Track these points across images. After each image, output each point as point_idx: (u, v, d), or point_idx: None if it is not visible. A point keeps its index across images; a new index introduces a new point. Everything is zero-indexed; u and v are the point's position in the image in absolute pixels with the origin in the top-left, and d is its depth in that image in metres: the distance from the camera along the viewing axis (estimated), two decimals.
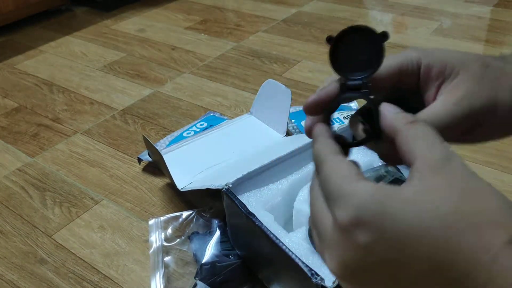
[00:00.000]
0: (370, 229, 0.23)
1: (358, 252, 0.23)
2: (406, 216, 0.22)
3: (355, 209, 0.23)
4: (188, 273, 0.65)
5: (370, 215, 0.23)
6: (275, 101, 0.84)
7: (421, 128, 0.26)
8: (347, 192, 0.24)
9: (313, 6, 1.56)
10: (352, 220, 0.23)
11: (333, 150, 0.28)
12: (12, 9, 1.47)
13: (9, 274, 0.68)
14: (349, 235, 0.23)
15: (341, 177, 0.25)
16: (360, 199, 0.23)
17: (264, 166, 0.62)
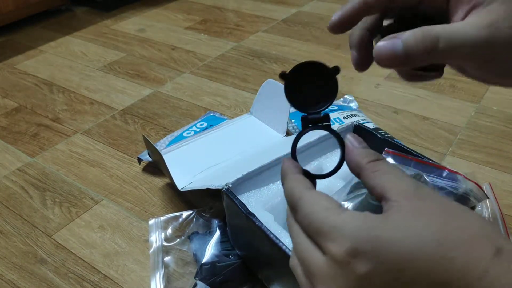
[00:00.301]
0: (368, 258, 0.23)
1: (358, 282, 0.23)
2: (400, 241, 0.22)
3: (350, 240, 0.23)
4: (188, 273, 0.65)
5: (365, 244, 0.23)
6: (275, 101, 0.84)
7: (385, 164, 0.26)
8: (336, 224, 0.24)
9: (313, 6, 1.56)
10: (349, 251, 0.23)
11: (306, 185, 0.28)
12: (12, 9, 1.47)
13: (9, 274, 0.68)
14: (347, 267, 0.23)
15: (325, 210, 0.25)
16: (352, 229, 0.23)
17: (264, 166, 0.62)
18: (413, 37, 0.26)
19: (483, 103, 0.99)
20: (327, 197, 0.26)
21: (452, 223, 0.23)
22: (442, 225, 0.23)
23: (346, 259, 0.23)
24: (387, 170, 0.26)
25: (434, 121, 0.94)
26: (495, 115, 0.96)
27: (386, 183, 0.25)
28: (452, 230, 0.22)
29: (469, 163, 0.83)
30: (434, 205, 0.23)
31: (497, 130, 0.92)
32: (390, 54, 0.27)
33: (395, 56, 0.27)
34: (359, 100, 1.00)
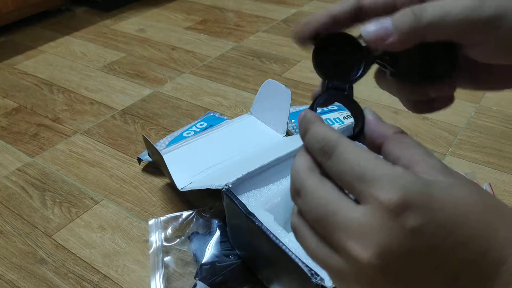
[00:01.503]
0: (420, 212, 0.21)
1: (404, 237, 0.21)
2: (452, 202, 0.21)
3: (404, 190, 0.21)
4: (188, 273, 0.65)
5: (420, 198, 0.21)
6: (275, 101, 0.84)
7: (411, 138, 0.25)
8: (390, 173, 0.22)
9: (313, 6, 1.56)
10: (401, 202, 0.21)
11: (340, 134, 0.25)
12: (12, 9, 1.47)
13: (9, 274, 0.68)
14: (395, 218, 0.21)
15: (375, 159, 0.23)
16: (406, 181, 0.21)
17: (264, 166, 0.62)
18: (401, 13, 0.26)
19: (483, 103, 0.99)
20: (368, 149, 0.24)
21: (490, 199, 0.22)
22: (484, 197, 0.22)
23: (396, 209, 0.21)
24: (414, 144, 0.25)
25: (434, 121, 0.94)
26: (495, 115, 0.96)
27: (415, 156, 0.24)
28: (493, 204, 0.22)
29: (469, 163, 0.83)
30: (468, 181, 0.23)
31: (497, 130, 0.92)
32: (382, 32, 0.26)
33: (387, 34, 0.26)
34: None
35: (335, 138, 0.24)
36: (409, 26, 0.26)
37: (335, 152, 0.24)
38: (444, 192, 0.22)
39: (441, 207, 0.21)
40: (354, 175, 0.23)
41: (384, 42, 0.26)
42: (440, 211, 0.21)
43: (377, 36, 0.26)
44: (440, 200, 0.21)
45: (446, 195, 0.22)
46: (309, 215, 0.24)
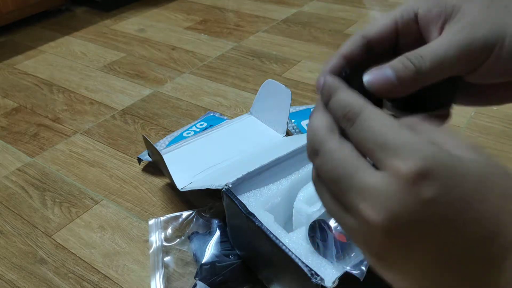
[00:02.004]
0: (438, 183, 0.21)
1: (417, 206, 0.21)
2: (476, 177, 0.21)
3: (425, 159, 0.21)
4: (188, 273, 0.65)
5: (442, 168, 0.21)
6: (275, 101, 0.84)
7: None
8: (412, 141, 0.22)
9: (313, 6, 1.56)
10: (419, 171, 0.21)
11: (365, 100, 0.25)
12: (12, 9, 1.47)
13: (9, 274, 0.68)
14: (411, 187, 0.21)
15: (398, 127, 0.23)
16: (431, 150, 0.21)
17: (264, 166, 0.62)
18: (399, 61, 0.27)
19: None
20: (392, 117, 0.24)
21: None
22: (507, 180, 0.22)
23: (414, 178, 0.21)
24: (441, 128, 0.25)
25: None
26: (495, 115, 0.96)
27: (443, 134, 0.24)
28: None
29: None
30: (495, 162, 0.23)
31: (497, 130, 0.91)
32: (384, 82, 0.26)
33: (390, 83, 0.26)
34: None
35: (359, 104, 0.24)
36: (410, 77, 0.26)
37: (358, 118, 0.24)
38: (469, 167, 0.21)
39: (462, 181, 0.21)
40: (375, 142, 0.23)
41: (386, 92, 0.27)
42: (460, 185, 0.21)
43: (379, 86, 0.26)
44: (463, 174, 0.21)
45: (471, 171, 0.21)
46: (326, 175, 0.25)
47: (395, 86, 0.26)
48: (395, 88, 0.26)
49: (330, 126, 0.26)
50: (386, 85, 0.26)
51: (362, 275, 0.46)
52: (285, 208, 0.60)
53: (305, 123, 0.89)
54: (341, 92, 0.26)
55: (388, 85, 0.26)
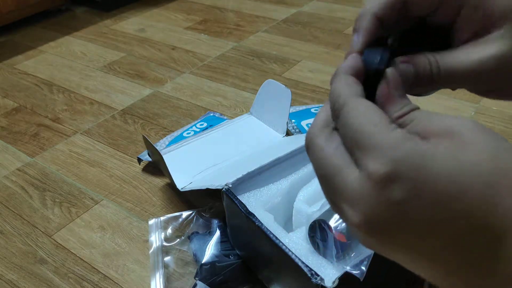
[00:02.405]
0: (408, 185, 0.21)
1: (390, 208, 0.21)
2: (448, 172, 0.20)
3: (393, 163, 0.21)
4: (188, 273, 0.65)
5: (409, 169, 0.21)
6: (275, 101, 0.84)
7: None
8: (382, 143, 0.22)
9: (313, 6, 1.56)
10: (389, 174, 0.21)
11: (355, 91, 0.24)
12: (12, 9, 1.47)
13: (9, 274, 0.68)
14: (381, 189, 0.21)
15: (373, 125, 0.22)
16: (398, 151, 0.21)
17: (264, 166, 0.62)
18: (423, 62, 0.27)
19: (483, 103, 0.99)
20: (376, 110, 0.23)
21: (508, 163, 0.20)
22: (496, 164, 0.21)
23: (383, 181, 0.21)
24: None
25: None
26: (495, 115, 0.96)
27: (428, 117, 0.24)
28: (504, 173, 0.20)
29: None
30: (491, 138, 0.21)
31: (497, 130, 0.91)
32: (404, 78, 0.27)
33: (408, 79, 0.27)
34: None
35: (345, 95, 0.24)
36: (428, 77, 0.27)
37: (341, 112, 0.24)
38: (443, 163, 0.21)
39: (434, 180, 0.20)
40: (353, 140, 0.23)
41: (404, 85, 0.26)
42: (431, 184, 0.20)
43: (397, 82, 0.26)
44: (435, 173, 0.20)
45: (445, 167, 0.21)
46: (315, 172, 0.25)
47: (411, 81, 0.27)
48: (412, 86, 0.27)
49: (325, 120, 0.25)
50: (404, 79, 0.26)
51: (362, 275, 0.46)
52: (285, 208, 0.60)
53: (305, 123, 0.89)
54: (338, 79, 0.26)
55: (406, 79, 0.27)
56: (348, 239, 0.48)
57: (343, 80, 0.25)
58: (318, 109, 0.94)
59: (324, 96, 1.04)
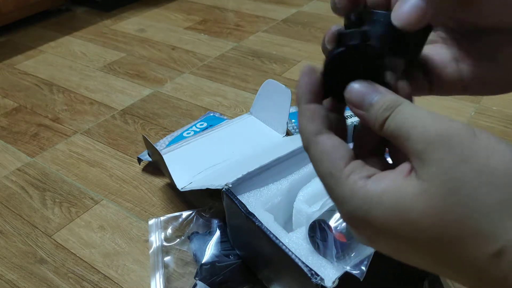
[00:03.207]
0: (366, 229, 0.24)
1: (361, 236, 0.25)
2: (391, 227, 0.22)
3: (346, 215, 0.24)
4: (188, 273, 0.65)
5: (361, 220, 0.23)
6: (275, 101, 0.84)
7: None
8: (336, 197, 0.24)
9: (313, 6, 1.56)
10: (348, 222, 0.25)
11: (313, 130, 0.25)
12: (12, 9, 1.47)
13: (9, 274, 0.68)
14: (351, 228, 0.25)
15: (330, 176, 0.24)
16: (347, 208, 0.24)
17: (264, 166, 0.62)
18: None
19: (483, 103, 0.99)
20: (333, 152, 0.24)
21: (456, 211, 0.21)
22: (441, 215, 0.21)
23: (349, 224, 0.25)
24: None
25: None
26: (495, 115, 0.96)
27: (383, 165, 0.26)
28: (450, 222, 0.21)
29: None
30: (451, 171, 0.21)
31: (497, 130, 0.91)
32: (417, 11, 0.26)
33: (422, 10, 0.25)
34: None
35: (306, 136, 0.26)
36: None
37: (308, 152, 0.26)
38: (383, 219, 0.22)
39: (384, 232, 0.23)
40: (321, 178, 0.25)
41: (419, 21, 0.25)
42: (383, 234, 0.23)
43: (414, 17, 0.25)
44: (381, 226, 0.23)
45: (386, 222, 0.22)
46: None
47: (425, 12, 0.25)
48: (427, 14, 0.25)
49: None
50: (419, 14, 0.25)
51: (362, 275, 0.46)
52: (285, 208, 0.60)
53: None
54: (299, 113, 0.26)
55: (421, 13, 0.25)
56: (348, 239, 0.48)
57: (304, 115, 0.26)
58: None
59: None
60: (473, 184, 0.20)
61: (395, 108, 0.23)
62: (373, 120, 0.24)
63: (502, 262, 0.20)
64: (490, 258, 0.20)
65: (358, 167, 0.24)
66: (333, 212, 0.49)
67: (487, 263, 0.20)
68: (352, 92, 0.25)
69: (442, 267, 0.23)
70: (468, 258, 0.21)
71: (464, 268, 0.21)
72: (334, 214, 0.49)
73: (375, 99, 0.24)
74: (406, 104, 0.24)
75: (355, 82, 0.25)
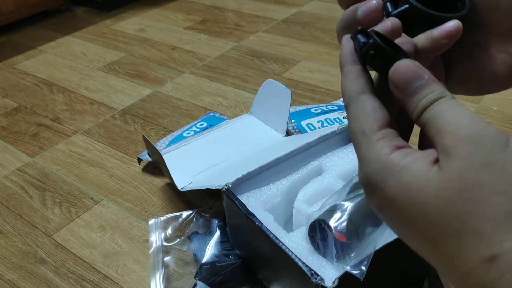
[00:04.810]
0: (376, 195, 0.24)
1: (373, 204, 0.25)
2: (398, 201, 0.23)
3: (364, 176, 0.24)
4: (188, 273, 0.65)
5: (375, 185, 0.24)
6: (275, 101, 0.84)
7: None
8: (363, 155, 0.24)
9: (313, 6, 1.56)
10: (363, 182, 0.25)
11: (355, 89, 0.26)
12: (12, 9, 1.47)
13: (9, 274, 0.68)
14: (365, 192, 0.25)
15: (362, 135, 0.25)
16: (367, 169, 0.24)
17: (264, 166, 0.62)
18: None
19: (483, 103, 0.99)
20: (370, 113, 0.25)
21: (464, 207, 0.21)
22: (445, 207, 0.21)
23: (365, 188, 0.25)
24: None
25: None
26: (495, 115, 0.96)
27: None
28: (456, 216, 0.21)
29: None
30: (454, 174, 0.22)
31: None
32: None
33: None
34: None
35: (347, 94, 0.26)
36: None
37: (347, 111, 0.26)
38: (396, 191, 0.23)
39: (387, 201, 0.23)
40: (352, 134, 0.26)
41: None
42: (389, 203, 0.23)
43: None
44: (389, 194, 0.23)
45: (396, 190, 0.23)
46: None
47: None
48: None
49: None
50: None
51: (362, 275, 0.46)
52: (285, 208, 0.60)
53: (305, 123, 0.89)
54: (342, 74, 0.27)
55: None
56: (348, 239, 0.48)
57: (348, 75, 0.26)
58: (318, 109, 0.94)
59: (324, 96, 1.04)
60: (489, 189, 0.21)
61: (436, 100, 0.23)
62: (413, 107, 0.24)
63: (493, 268, 0.20)
64: (483, 262, 0.20)
65: (390, 134, 0.24)
66: (333, 212, 0.49)
67: (478, 266, 0.20)
68: (398, 71, 0.24)
69: (435, 259, 0.23)
70: (461, 256, 0.21)
71: (455, 265, 0.21)
72: (334, 214, 0.49)
73: (419, 85, 0.24)
74: (449, 98, 0.23)
75: (403, 60, 0.24)
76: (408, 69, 0.24)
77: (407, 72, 0.24)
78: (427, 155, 0.23)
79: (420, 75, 0.24)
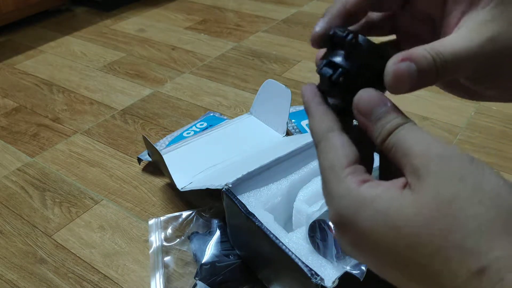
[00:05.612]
0: (349, 231, 0.24)
1: (344, 242, 0.25)
2: (375, 232, 0.22)
3: (335, 213, 0.24)
4: (188, 273, 0.65)
5: (347, 220, 0.23)
6: (275, 101, 0.84)
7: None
8: (330, 192, 0.24)
9: (313, 6, 1.56)
10: (334, 220, 0.24)
11: (325, 128, 0.26)
12: (12, 9, 1.47)
13: (9, 274, 0.68)
14: (336, 230, 0.25)
15: (330, 170, 0.25)
16: (341, 204, 0.24)
17: (264, 166, 0.62)
18: (424, 58, 0.25)
19: (483, 103, 0.99)
20: (337, 150, 0.25)
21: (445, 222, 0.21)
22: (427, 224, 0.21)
23: (335, 225, 0.25)
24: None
25: (434, 121, 0.94)
26: (495, 115, 0.96)
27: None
28: (438, 232, 0.21)
29: None
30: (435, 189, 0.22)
31: (497, 130, 0.92)
32: (406, 78, 0.25)
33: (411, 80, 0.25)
34: None
35: (316, 134, 0.26)
36: (433, 73, 0.25)
37: (317, 149, 0.26)
38: (369, 224, 0.23)
39: (366, 238, 0.23)
40: (322, 170, 0.26)
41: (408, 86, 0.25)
42: (365, 240, 0.23)
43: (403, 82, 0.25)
44: (364, 231, 0.23)
45: (371, 226, 0.23)
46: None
47: (414, 84, 0.25)
48: (414, 85, 0.25)
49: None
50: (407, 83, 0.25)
51: (362, 275, 0.46)
52: (285, 208, 0.60)
53: (305, 123, 0.89)
54: (309, 115, 0.28)
55: (409, 82, 0.25)
56: None
57: (315, 116, 0.27)
58: None
59: None
60: (465, 201, 0.21)
61: (401, 125, 0.24)
62: (377, 132, 0.25)
63: (484, 281, 0.20)
64: (472, 276, 0.20)
65: (359, 170, 0.24)
66: None
67: (467, 281, 0.20)
68: (363, 98, 0.25)
69: (417, 283, 0.22)
70: (448, 274, 0.20)
71: (444, 285, 0.21)
72: None
73: (383, 111, 0.25)
74: (412, 124, 0.24)
75: (367, 89, 0.26)
76: (372, 96, 0.25)
77: (371, 98, 0.25)
78: (394, 183, 0.23)
79: (383, 101, 0.25)
